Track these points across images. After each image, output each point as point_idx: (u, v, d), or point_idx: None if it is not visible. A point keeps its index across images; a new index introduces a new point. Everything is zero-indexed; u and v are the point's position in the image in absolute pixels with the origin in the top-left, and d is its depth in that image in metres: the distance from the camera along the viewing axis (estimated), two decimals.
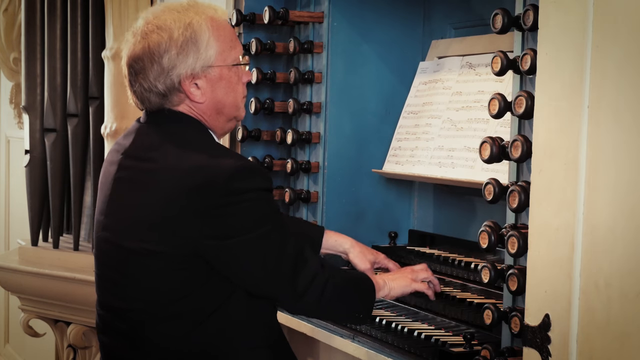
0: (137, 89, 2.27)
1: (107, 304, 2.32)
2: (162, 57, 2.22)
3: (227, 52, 2.29)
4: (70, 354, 4.76)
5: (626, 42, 1.75)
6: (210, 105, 2.29)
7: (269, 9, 3.10)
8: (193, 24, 2.24)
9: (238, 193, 2.14)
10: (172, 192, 2.15)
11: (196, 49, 2.24)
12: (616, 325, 1.77)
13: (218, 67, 2.27)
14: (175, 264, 2.17)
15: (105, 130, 4.23)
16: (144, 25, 2.27)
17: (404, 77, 3.22)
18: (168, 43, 2.22)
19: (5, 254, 5.37)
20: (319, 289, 2.24)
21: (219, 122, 2.33)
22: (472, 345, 2.32)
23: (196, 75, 2.25)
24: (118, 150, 2.33)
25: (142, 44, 2.24)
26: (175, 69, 2.23)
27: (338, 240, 2.73)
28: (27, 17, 4.83)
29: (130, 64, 2.27)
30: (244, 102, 2.38)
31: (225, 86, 2.30)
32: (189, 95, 2.26)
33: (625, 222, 1.75)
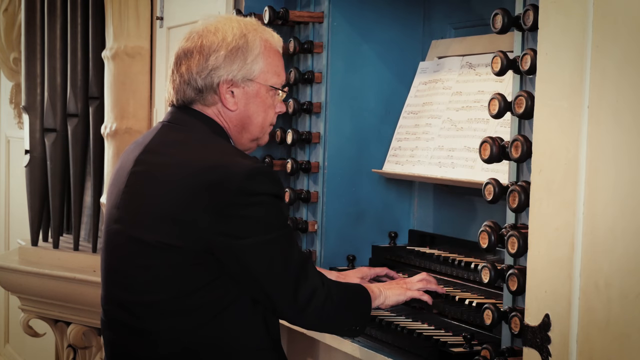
0: (177, 77, 2.34)
1: (113, 298, 2.33)
2: (210, 55, 2.30)
3: (271, 75, 2.37)
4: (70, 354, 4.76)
5: (626, 42, 1.75)
6: (239, 117, 2.35)
7: (269, 9, 3.10)
8: (248, 36, 2.33)
9: (251, 194, 2.17)
10: (189, 187, 2.18)
11: (243, 58, 2.32)
12: (616, 325, 1.77)
13: (258, 84, 2.35)
14: (188, 258, 2.19)
15: (105, 130, 4.23)
16: (204, 26, 2.36)
17: (404, 77, 3.22)
18: (220, 44, 2.31)
19: (5, 254, 5.37)
20: (319, 304, 2.26)
21: (241, 138, 2.39)
22: (472, 345, 2.32)
23: (235, 83, 2.32)
24: (136, 148, 2.37)
25: (197, 41, 2.33)
26: (219, 69, 2.30)
27: None
28: (27, 17, 4.83)
29: (180, 54, 2.35)
30: (270, 128, 2.45)
31: (259, 104, 2.37)
32: (222, 99, 2.32)
33: (626, 222, 1.75)
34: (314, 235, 3.14)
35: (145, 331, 2.25)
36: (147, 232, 2.22)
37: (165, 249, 2.19)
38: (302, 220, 3.17)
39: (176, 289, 2.22)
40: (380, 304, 2.48)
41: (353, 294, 2.41)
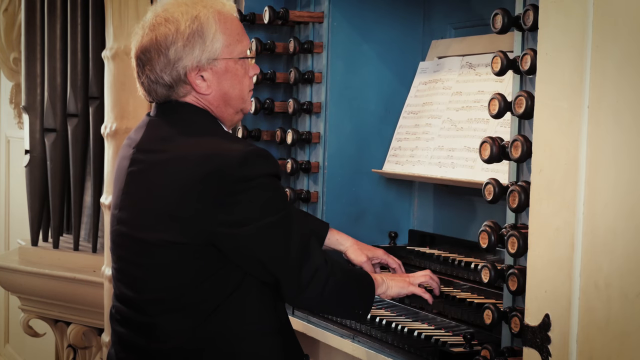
0: (144, 80, 2.32)
1: (123, 297, 2.35)
2: (168, 49, 2.27)
3: (234, 45, 2.32)
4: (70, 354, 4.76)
5: (626, 42, 1.75)
6: (217, 97, 2.33)
7: (269, 9, 3.10)
8: (200, 16, 2.28)
9: (248, 179, 2.17)
10: (185, 182, 2.18)
11: (202, 41, 2.27)
12: (616, 325, 1.77)
13: (224, 60, 2.31)
14: (191, 253, 2.20)
15: (105, 130, 4.23)
16: (152, 18, 2.31)
17: (404, 77, 3.22)
18: (175, 35, 2.26)
19: (5, 254, 5.37)
20: (321, 283, 2.26)
21: (226, 114, 2.36)
22: (472, 345, 2.32)
23: (202, 68, 2.29)
24: (130, 145, 2.36)
25: (150, 36, 2.28)
26: (181, 60, 2.27)
27: (339, 239, 2.77)
28: (27, 17, 4.83)
29: (138, 55, 2.31)
30: (250, 94, 2.41)
31: (231, 79, 2.33)
32: (194, 87, 2.30)
33: (625, 222, 1.75)
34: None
35: (153, 326, 2.27)
36: (150, 231, 2.23)
37: (169, 247, 2.20)
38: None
39: (181, 283, 2.23)
40: (382, 292, 2.47)
41: (356, 277, 2.41)
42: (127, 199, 2.30)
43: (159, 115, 2.35)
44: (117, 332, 2.38)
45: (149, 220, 2.24)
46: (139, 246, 2.26)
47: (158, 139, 2.30)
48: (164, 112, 2.34)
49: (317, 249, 2.29)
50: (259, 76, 3.14)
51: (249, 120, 3.26)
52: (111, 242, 2.39)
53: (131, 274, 2.32)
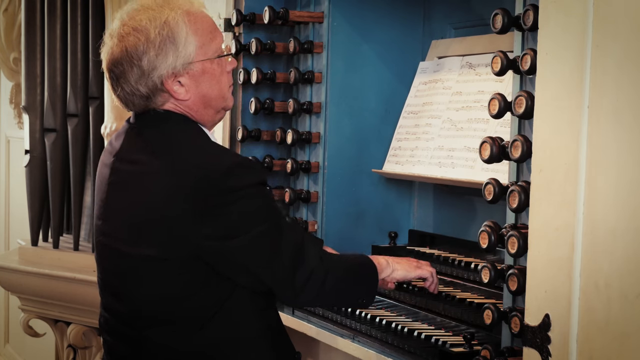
0: (120, 93, 2.23)
1: (109, 308, 2.31)
2: (141, 60, 2.17)
3: (208, 44, 2.23)
4: (70, 354, 4.76)
5: (626, 42, 1.75)
6: (197, 101, 2.24)
7: (269, 9, 3.10)
8: (169, 21, 2.17)
9: (234, 191, 2.11)
10: (167, 195, 2.11)
11: (175, 47, 2.18)
12: (616, 325, 1.77)
13: (200, 62, 2.21)
14: (175, 268, 2.15)
15: (105, 130, 4.23)
16: (120, 27, 2.20)
17: (404, 77, 3.22)
18: (145, 45, 2.16)
19: (5, 254, 5.37)
20: (317, 282, 2.21)
21: (207, 116, 2.28)
22: (472, 345, 2.32)
23: (178, 74, 2.19)
24: (111, 152, 2.29)
25: (120, 47, 2.18)
26: (156, 70, 2.18)
27: None
28: (27, 17, 4.83)
29: (110, 68, 2.22)
30: (230, 90, 2.32)
31: (209, 79, 2.24)
32: (173, 94, 2.21)
33: (626, 222, 1.75)
34: (314, 235, 3.13)
35: (143, 340, 2.23)
36: (130, 244, 2.17)
37: (149, 261, 2.15)
38: (302, 220, 3.16)
39: (167, 298, 2.18)
40: (387, 275, 2.41)
41: (356, 266, 2.36)
42: (108, 210, 2.24)
43: (138, 124, 2.27)
44: (106, 342, 2.34)
45: (130, 234, 2.18)
46: (121, 259, 2.21)
47: (137, 149, 2.22)
48: (143, 121, 2.26)
49: (311, 248, 2.23)
50: (259, 76, 3.14)
51: (249, 120, 3.26)
52: (96, 253, 2.34)
53: (115, 286, 2.27)
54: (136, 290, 2.21)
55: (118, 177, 2.22)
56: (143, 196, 2.15)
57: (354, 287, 2.33)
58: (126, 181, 2.21)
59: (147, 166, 2.17)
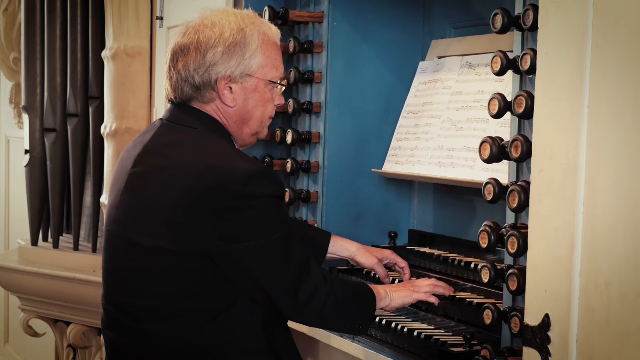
0: (175, 75, 2.31)
1: (113, 299, 2.32)
2: (207, 51, 2.27)
3: (270, 68, 2.34)
4: (70, 354, 4.76)
5: (626, 42, 1.75)
6: (238, 113, 2.33)
7: (269, 9, 3.10)
8: (246, 30, 2.30)
9: (250, 198, 2.15)
10: (186, 191, 2.15)
11: (242, 54, 2.28)
12: (616, 325, 1.77)
13: (256, 79, 2.32)
14: (185, 263, 2.17)
15: (105, 130, 4.23)
16: (200, 20, 2.32)
17: (404, 77, 3.22)
18: (217, 40, 2.27)
19: (5, 254, 5.37)
20: (320, 302, 2.25)
21: (242, 133, 2.36)
22: (472, 345, 2.32)
23: (233, 79, 2.29)
24: (136, 147, 2.34)
25: (193, 36, 2.29)
26: (217, 66, 2.27)
27: (344, 246, 2.75)
28: (27, 17, 4.83)
29: (176, 50, 2.31)
30: (269, 122, 2.42)
31: (258, 99, 2.34)
32: (220, 96, 2.30)
33: (625, 222, 1.75)
34: None
35: (144, 333, 2.24)
36: (144, 235, 2.20)
37: (161, 254, 2.18)
38: (302, 220, 3.16)
39: (172, 293, 2.20)
40: (386, 305, 2.46)
41: (357, 293, 2.39)
42: (125, 199, 2.28)
43: (172, 119, 2.33)
44: (107, 337, 2.36)
45: (144, 224, 2.21)
46: (131, 249, 2.24)
47: (166, 143, 2.28)
48: (177, 117, 2.33)
49: (316, 267, 2.27)
50: None
51: None
52: (104, 241, 2.37)
53: (122, 276, 2.29)
54: (142, 281, 2.23)
55: (141, 168, 2.27)
56: (163, 189, 2.20)
57: (353, 312, 2.36)
58: (148, 173, 2.25)
59: (172, 160, 2.22)
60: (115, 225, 2.30)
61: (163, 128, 2.33)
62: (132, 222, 2.25)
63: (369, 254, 2.73)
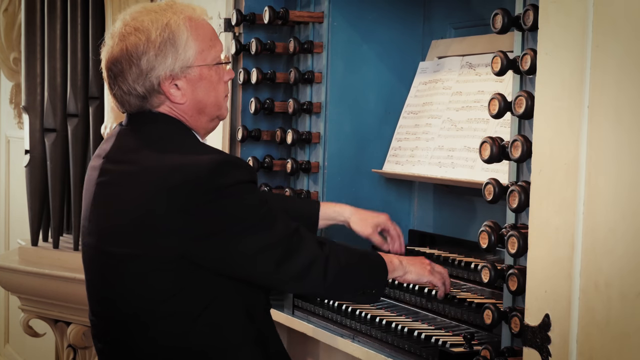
0: (117, 92, 2.25)
1: (97, 311, 2.31)
2: (140, 59, 2.19)
3: (207, 51, 2.26)
4: (70, 354, 4.76)
5: (626, 42, 1.75)
6: (191, 106, 2.26)
7: (269, 9, 3.10)
8: (171, 24, 2.21)
9: (219, 188, 2.12)
10: (153, 194, 2.12)
11: (175, 49, 2.20)
12: (616, 325, 1.77)
13: (198, 67, 2.24)
14: (159, 266, 2.15)
15: (105, 130, 4.23)
16: (121, 27, 2.23)
17: (404, 77, 3.22)
18: (146, 45, 2.19)
19: (5, 254, 5.37)
20: (320, 270, 2.22)
21: (201, 122, 2.30)
22: (472, 345, 2.32)
23: (175, 76, 2.22)
24: (99, 155, 2.30)
25: (120, 46, 2.21)
26: (154, 70, 2.20)
27: (337, 210, 2.74)
28: (27, 17, 4.83)
29: (109, 66, 2.24)
30: (226, 100, 2.35)
31: (206, 86, 2.27)
32: (169, 97, 2.23)
33: (626, 222, 1.75)
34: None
35: (129, 340, 2.23)
36: (117, 244, 2.18)
37: (135, 260, 2.16)
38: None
39: (151, 298, 2.18)
40: (399, 275, 2.42)
41: (363, 255, 2.36)
42: (95, 210, 2.25)
43: (130, 125, 2.29)
44: (97, 348, 2.35)
45: (115, 233, 2.19)
46: (105, 259, 2.22)
47: (127, 149, 2.24)
48: (135, 123, 2.28)
49: (309, 237, 2.24)
50: (259, 76, 3.14)
51: (249, 120, 3.26)
52: (82, 254, 2.35)
53: (101, 287, 2.27)
54: (120, 289, 2.21)
55: (106, 177, 2.24)
56: (130, 195, 2.16)
57: (360, 276, 2.32)
58: (114, 181, 2.22)
59: (135, 165, 2.19)
60: (89, 238, 2.28)
61: (121, 134, 2.29)
62: (104, 232, 2.22)
63: (364, 222, 2.70)
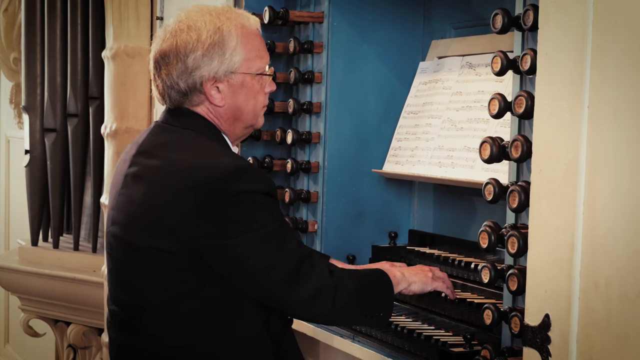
0: (160, 83, 2.31)
1: (115, 299, 2.35)
2: (187, 57, 2.26)
3: (253, 60, 2.32)
4: (70, 354, 4.77)
5: (626, 42, 1.75)
6: (229, 110, 2.32)
7: (269, 9, 3.10)
8: (223, 28, 2.27)
9: (235, 194, 2.14)
10: (173, 190, 2.17)
11: (222, 53, 2.27)
12: (616, 325, 1.77)
13: (241, 74, 2.30)
14: (181, 262, 2.18)
15: (105, 130, 4.23)
16: (175, 23, 2.30)
17: (404, 77, 3.22)
18: (195, 44, 2.26)
19: (5, 254, 5.38)
20: (329, 297, 2.23)
21: (235, 128, 2.36)
22: (472, 345, 2.32)
23: (218, 79, 2.28)
24: (132, 148, 2.37)
25: (170, 42, 2.28)
26: (199, 69, 2.26)
27: None
28: (27, 17, 4.84)
29: (157, 58, 2.31)
30: (263, 111, 2.41)
31: (246, 93, 2.33)
32: (208, 97, 2.29)
33: (625, 222, 1.75)
34: (314, 235, 3.14)
35: (146, 333, 2.26)
36: (139, 236, 2.22)
37: (156, 254, 2.19)
38: (302, 220, 3.16)
39: (169, 292, 2.21)
40: (403, 288, 2.43)
41: (370, 280, 2.36)
42: (122, 200, 2.29)
43: (165, 121, 2.35)
44: (111, 338, 2.37)
45: (140, 224, 2.23)
46: (128, 249, 2.25)
47: (157, 144, 2.29)
48: (170, 119, 2.34)
49: (320, 264, 2.25)
50: None
51: None
52: (105, 243, 2.39)
53: (121, 276, 2.30)
54: (139, 281, 2.25)
55: (135, 170, 2.29)
56: (154, 188, 2.21)
57: (369, 301, 2.33)
58: (141, 173, 2.27)
59: (162, 161, 2.24)
60: (114, 227, 2.32)
61: (156, 129, 2.35)
62: (128, 223, 2.26)
63: None
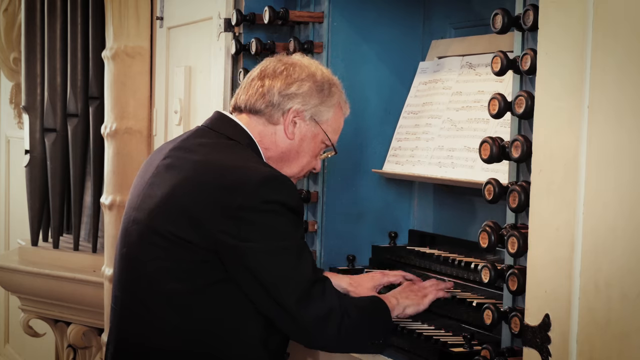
0: (257, 86, 2.42)
1: (124, 285, 2.37)
2: (296, 81, 2.40)
3: (333, 129, 2.49)
4: (70, 354, 4.76)
5: (626, 42, 1.75)
6: (289, 148, 2.44)
7: (269, 9, 3.10)
8: (333, 84, 2.50)
9: (265, 201, 2.20)
10: (206, 186, 2.22)
11: (321, 99, 2.43)
12: (616, 325, 1.77)
13: (320, 129, 2.45)
14: (199, 255, 2.22)
15: (105, 130, 4.23)
16: (297, 59, 2.50)
17: (404, 77, 3.22)
18: (308, 77, 2.43)
19: (5, 254, 5.37)
20: (335, 324, 2.27)
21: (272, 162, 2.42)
22: (472, 345, 2.32)
23: (302, 116, 2.41)
24: (169, 143, 2.45)
25: (289, 66, 2.43)
26: (297, 97, 2.40)
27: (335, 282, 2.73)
28: (27, 17, 4.83)
29: (267, 71, 2.44)
30: (306, 174, 2.54)
31: (312, 147, 2.46)
32: (284, 123, 2.41)
33: (626, 222, 1.75)
34: (314, 235, 3.14)
35: (154, 321, 2.28)
36: (163, 222, 2.26)
37: (176, 242, 2.23)
38: None
39: (183, 283, 2.24)
40: (399, 313, 2.51)
41: (372, 310, 2.42)
42: (150, 187, 2.34)
43: (211, 126, 2.43)
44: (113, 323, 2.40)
45: (165, 211, 2.27)
46: (149, 235, 2.29)
47: (199, 143, 2.37)
48: (217, 126, 2.42)
49: (331, 289, 2.30)
50: None
51: None
52: (122, 227, 2.42)
53: (137, 262, 2.33)
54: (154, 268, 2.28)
55: (169, 161, 2.36)
56: (185, 182, 2.27)
57: (370, 329, 2.38)
58: (174, 164, 2.34)
59: (197, 155, 2.31)
60: (136, 212, 2.35)
61: (199, 131, 2.44)
62: (153, 209, 2.30)
63: (362, 287, 2.73)
